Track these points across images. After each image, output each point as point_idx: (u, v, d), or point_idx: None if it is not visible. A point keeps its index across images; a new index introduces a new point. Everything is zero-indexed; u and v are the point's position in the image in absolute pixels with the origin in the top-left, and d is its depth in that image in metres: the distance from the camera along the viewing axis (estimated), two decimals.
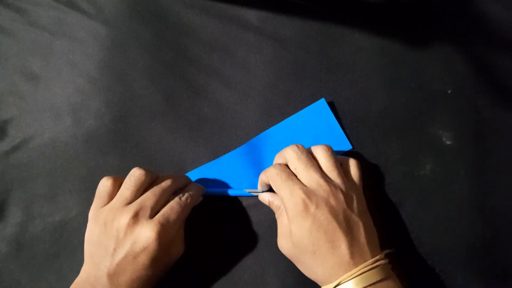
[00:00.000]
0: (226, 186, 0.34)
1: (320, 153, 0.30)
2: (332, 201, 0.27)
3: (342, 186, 0.28)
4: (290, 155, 0.29)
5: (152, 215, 0.28)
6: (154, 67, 0.37)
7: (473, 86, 0.36)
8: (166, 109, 0.36)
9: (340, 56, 0.37)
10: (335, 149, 0.35)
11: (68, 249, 0.34)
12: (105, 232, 0.28)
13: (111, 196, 0.29)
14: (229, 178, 0.34)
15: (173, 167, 0.35)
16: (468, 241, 0.34)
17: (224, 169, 0.35)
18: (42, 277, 0.33)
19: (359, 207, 0.28)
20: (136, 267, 0.27)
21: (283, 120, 0.36)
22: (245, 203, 0.34)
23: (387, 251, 0.29)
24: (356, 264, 0.26)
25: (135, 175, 0.29)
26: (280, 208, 0.30)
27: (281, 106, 0.36)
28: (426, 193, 0.35)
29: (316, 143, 0.34)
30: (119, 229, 0.27)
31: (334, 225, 0.26)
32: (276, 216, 0.31)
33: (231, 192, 0.34)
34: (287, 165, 0.30)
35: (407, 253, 0.33)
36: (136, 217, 0.28)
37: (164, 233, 0.27)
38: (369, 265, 0.26)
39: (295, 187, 0.28)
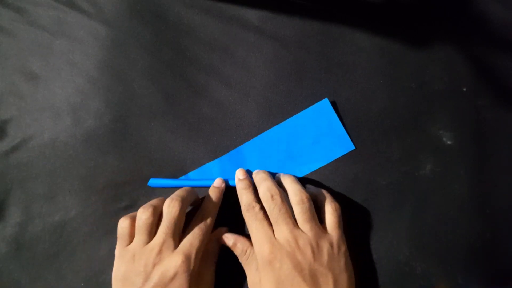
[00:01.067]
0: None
1: (296, 204, 0.30)
2: (298, 256, 0.27)
3: (313, 240, 0.28)
4: (265, 201, 0.30)
5: (176, 244, 0.29)
6: (154, 67, 0.37)
7: (473, 86, 0.36)
8: (166, 109, 0.36)
9: (340, 56, 0.37)
10: (337, 149, 0.35)
11: (67, 249, 0.34)
12: (133, 268, 0.28)
13: (132, 235, 0.30)
14: (231, 177, 0.34)
15: (173, 167, 0.35)
16: (468, 241, 0.34)
17: (226, 168, 0.35)
18: (41, 277, 0.33)
19: (330, 258, 0.28)
20: None
21: (283, 120, 0.36)
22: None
23: None
24: None
25: (142, 218, 0.29)
26: (245, 253, 0.31)
27: (281, 106, 0.36)
28: (426, 193, 0.35)
29: (319, 143, 0.34)
30: (147, 264, 0.28)
31: (298, 280, 0.27)
32: (242, 263, 0.31)
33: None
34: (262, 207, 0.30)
35: (407, 253, 0.33)
36: (160, 253, 0.28)
37: (189, 260, 0.28)
38: None
39: (263, 239, 0.28)
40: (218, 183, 0.33)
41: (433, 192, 0.34)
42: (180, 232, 0.30)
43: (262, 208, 0.30)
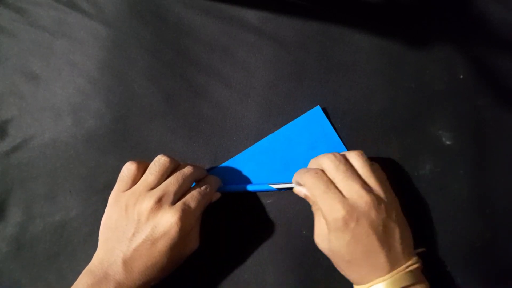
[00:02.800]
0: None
1: (355, 159, 0.29)
2: (373, 214, 0.27)
3: (382, 194, 0.28)
4: (327, 165, 0.29)
5: (174, 202, 0.28)
6: (154, 67, 0.37)
7: (473, 86, 0.36)
8: (166, 109, 0.36)
9: (340, 56, 0.37)
10: None
11: (68, 249, 0.34)
12: (125, 216, 0.28)
13: (135, 180, 0.30)
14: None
15: None
16: (468, 241, 0.34)
17: (221, 179, 0.35)
18: (42, 277, 0.33)
19: (395, 213, 0.28)
20: (153, 253, 0.27)
21: (283, 120, 0.36)
22: (244, 204, 0.34)
23: (420, 250, 0.30)
24: (390, 271, 0.27)
25: (160, 161, 0.30)
26: (315, 205, 0.31)
27: (281, 106, 0.36)
28: (426, 193, 0.35)
29: (313, 150, 0.35)
30: (140, 213, 0.28)
31: (373, 239, 0.27)
32: (313, 210, 0.31)
33: (250, 188, 0.34)
34: (323, 171, 0.30)
35: None
36: (159, 202, 0.28)
37: (184, 220, 0.28)
38: (400, 271, 0.27)
39: (334, 200, 0.27)
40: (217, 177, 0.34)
41: (433, 192, 0.34)
42: (181, 195, 0.29)
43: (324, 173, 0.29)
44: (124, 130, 0.36)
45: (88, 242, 0.34)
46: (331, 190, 0.28)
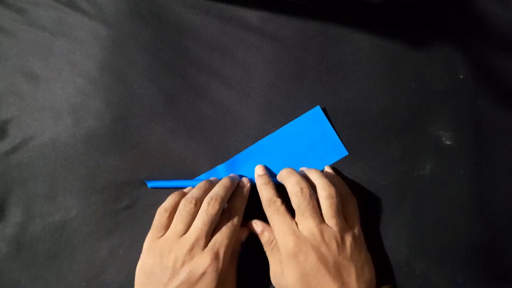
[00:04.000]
0: None
1: (323, 199, 0.30)
2: (323, 250, 0.28)
3: (337, 234, 0.29)
4: (293, 197, 0.30)
5: (206, 244, 0.29)
6: (154, 67, 0.37)
7: (473, 86, 0.36)
8: (166, 109, 0.36)
9: (340, 56, 0.37)
10: (331, 155, 0.35)
11: (68, 249, 0.34)
12: (160, 263, 0.28)
13: (167, 226, 0.30)
14: None
15: (173, 167, 0.35)
16: (468, 241, 0.34)
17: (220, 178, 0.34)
18: (42, 277, 0.33)
19: (352, 251, 0.29)
20: None
21: (283, 120, 0.36)
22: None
23: (386, 287, 0.30)
24: None
25: (186, 209, 0.30)
26: (271, 244, 0.31)
27: (281, 106, 0.36)
28: (426, 193, 0.35)
29: (313, 150, 0.35)
30: (176, 259, 0.28)
31: (323, 273, 0.27)
32: (267, 252, 0.31)
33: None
34: (281, 202, 0.30)
35: (407, 253, 0.33)
36: (191, 250, 0.28)
37: (218, 260, 0.28)
38: None
39: (287, 233, 0.28)
40: (243, 182, 0.34)
41: (433, 192, 0.34)
42: (211, 233, 0.30)
43: (283, 202, 0.30)
44: (124, 130, 0.36)
45: (88, 242, 0.34)
46: (286, 222, 0.29)
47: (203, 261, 0.28)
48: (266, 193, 0.31)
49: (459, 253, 0.33)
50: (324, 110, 0.36)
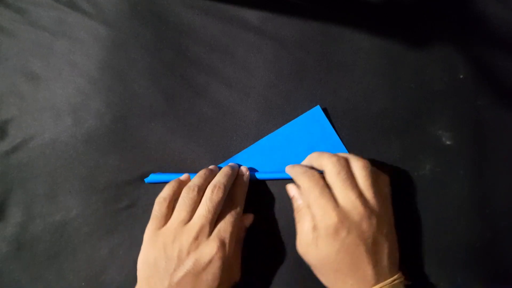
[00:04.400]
0: None
1: (358, 169, 0.29)
2: (364, 225, 0.27)
3: (376, 208, 0.28)
4: (329, 168, 0.29)
5: (211, 232, 0.29)
6: (154, 67, 0.37)
7: (473, 86, 0.36)
8: (166, 109, 0.36)
9: (340, 56, 0.37)
10: None
11: (68, 249, 0.34)
12: (165, 254, 0.28)
13: (167, 216, 0.30)
14: None
15: (173, 167, 0.35)
16: (468, 241, 0.34)
17: None
18: (42, 277, 0.33)
19: (387, 228, 0.29)
20: (196, 285, 0.27)
21: (283, 120, 0.36)
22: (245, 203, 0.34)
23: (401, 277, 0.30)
24: (375, 284, 0.27)
25: (189, 196, 0.30)
26: (301, 210, 0.30)
27: (281, 106, 0.36)
28: (426, 193, 0.35)
29: (313, 150, 0.34)
30: (181, 249, 0.28)
31: (361, 250, 0.27)
32: (296, 217, 0.31)
33: (261, 176, 0.34)
34: (320, 173, 0.30)
35: (407, 253, 0.33)
36: (197, 238, 0.28)
37: (224, 247, 0.28)
38: (385, 285, 0.27)
39: (328, 207, 0.28)
40: (242, 170, 0.33)
41: (433, 192, 0.34)
42: (215, 221, 0.30)
43: (322, 176, 0.30)
44: (124, 130, 0.36)
45: (88, 242, 0.34)
46: (326, 196, 0.28)
47: (209, 249, 0.28)
48: (300, 167, 0.31)
49: (459, 253, 0.33)
50: (324, 110, 0.36)
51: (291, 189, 0.32)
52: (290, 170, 0.32)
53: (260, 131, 0.36)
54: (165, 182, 0.33)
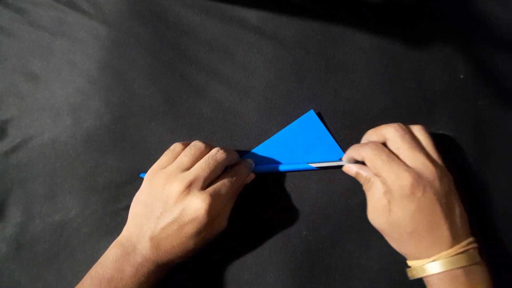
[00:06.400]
0: None
1: (419, 132, 0.30)
2: (437, 184, 0.27)
3: (445, 169, 0.29)
4: (393, 134, 0.29)
5: (204, 187, 0.29)
6: (154, 67, 0.37)
7: (473, 86, 0.36)
8: (166, 109, 0.36)
9: (340, 56, 0.37)
10: (328, 157, 0.35)
11: (68, 249, 0.34)
12: (155, 195, 0.29)
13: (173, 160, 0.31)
14: None
15: None
16: None
17: None
18: (42, 277, 0.33)
19: (455, 190, 0.29)
20: (180, 235, 0.28)
21: (283, 120, 0.36)
22: (244, 203, 0.34)
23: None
24: (452, 246, 0.27)
25: (197, 146, 0.30)
26: (370, 180, 0.30)
27: (281, 106, 0.36)
28: None
29: (309, 154, 0.35)
30: (170, 194, 0.28)
31: (437, 209, 0.27)
32: (365, 188, 0.31)
33: (284, 168, 0.34)
34: (383, 143, 0.30)
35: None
36: (189, 186, 0.28)
37: (213, 206, 0.28)
38: (463, 247, 0.27)
39: (400, 169, 0.27)
40: (248, 160, 0.34)
41: None
42: (211, 180, 0.30)
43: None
44: (124, 130, 0.36)
45: (88, 242, 0.34)
46: (395, 159, 0.28)
47: (198, 202, 0.27)
48: (358, 144, 0.31)
49: None
50: (318, 114, 0.36)
51: (350, 167, 0.31)
52: (350, 151, 0.32)
53: (260, 131, 0.36)
54: None
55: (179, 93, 0.37)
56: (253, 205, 0.34)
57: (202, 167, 0.29)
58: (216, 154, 0.30)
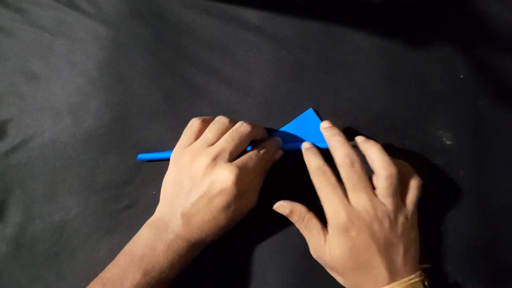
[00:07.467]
0: None
1: (383, 179, 0.28)
2: (375, 227, 0.27)
3: (391, 213, 0.28)
4: (343, 166, 0.28)
5: (230, 160, 0.29)
6: (154, 67, 0.37)
7: (473, 86, 0.36)
8: (166, 109, 0.36)
9: (340, 56, 0.37)
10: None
11: (67, 249, 0.34)
12: (183, 173, 0.29)
13: (197, 137, 0.31)
14: None
15: None
16: (468, 241, 0.34)
17: None
18: (42, 277, 0.33)
19: (403, 229, 0.28)
20: (210, 209, 0.28)
21: (283, 120, 0.36)
22: None
23: (425, 265, 0.30)
24: (389, 282, 0.27)
25: (221, 120, 0.30)
26: (304, 220, 0.30)
27: (281, 106, 0.36)
28: (426, 193, 0.34)
29: None
30: (197, 169, 0.28)
31: (373, 250, 0.27)
32: (301, 229, 0.30)
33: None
34: (331, 171, 0.29)
35: None
36: (215, 159, 0.28)
37: (241, 177, 0.28)
38: (401, 284, 0.27)
39: (339, 206, 0.28)
40: (277, 138, 0.33)
41: (433, 192, 0.34)
42: (237, 154, 0.29)
43: (334, 173, 0.29)
44: (124, 130, 0.36)
45: (88, 242, 0.34)
46: (337, 195, 0.28)
47: (225, 174, 0.27)
48: (314, 162, 0.30)
49: (459, 253, 0.33)
50: (316, 112, 0.36)
51: (282, 207, 0.31)
52: (307, 153, 0.31)
53: None
54: (159, 160, 0.34)
55: (179, 93, 0.37)
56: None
57: (227, 140, 0.29)
58: (240, 127, 0.30)
